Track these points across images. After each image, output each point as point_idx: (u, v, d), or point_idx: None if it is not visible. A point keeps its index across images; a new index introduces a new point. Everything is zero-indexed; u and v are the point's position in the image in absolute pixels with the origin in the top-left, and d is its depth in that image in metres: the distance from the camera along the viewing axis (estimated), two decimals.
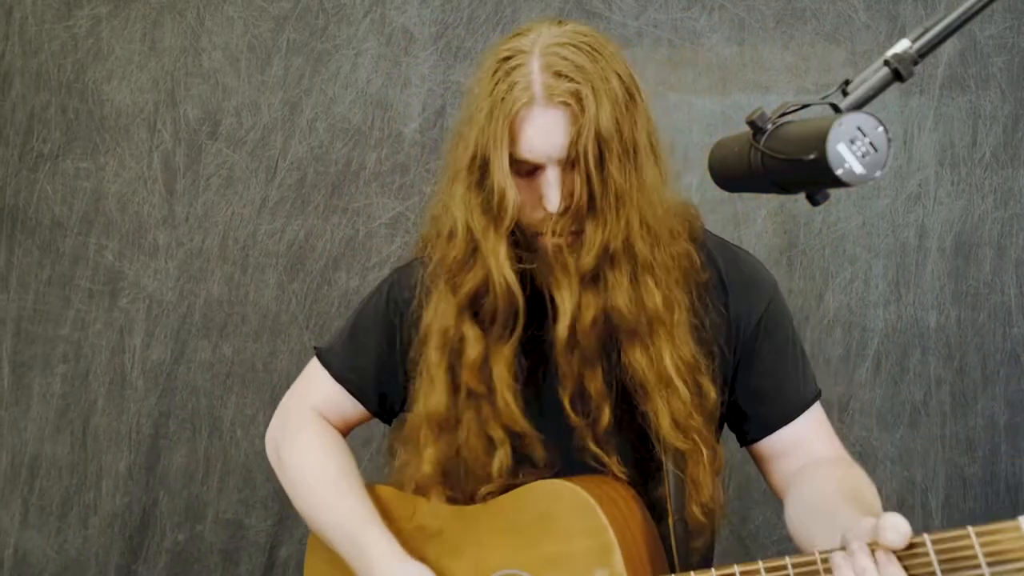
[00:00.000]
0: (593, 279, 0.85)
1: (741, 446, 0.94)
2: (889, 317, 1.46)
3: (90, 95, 1.55)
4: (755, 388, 0.90)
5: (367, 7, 1.52)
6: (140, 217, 1.54)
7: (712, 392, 0.86)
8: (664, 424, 0.84)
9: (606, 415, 0.86)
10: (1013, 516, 0.63)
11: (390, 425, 1.00)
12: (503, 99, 0.81)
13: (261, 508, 1.52)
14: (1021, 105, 1.45)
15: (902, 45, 0.58)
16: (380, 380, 0.96)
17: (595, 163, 0.80)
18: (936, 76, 1.46)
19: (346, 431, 1.01)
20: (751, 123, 0.61)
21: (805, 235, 1.48)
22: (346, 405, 0.98)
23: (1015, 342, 1.45)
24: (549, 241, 0.84)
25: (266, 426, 1.54)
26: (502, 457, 0.87)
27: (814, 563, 0.69)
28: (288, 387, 1.04)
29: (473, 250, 0.85)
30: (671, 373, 0.85)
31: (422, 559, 0.89)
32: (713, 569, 0.75)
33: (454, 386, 0.87)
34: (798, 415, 0.91)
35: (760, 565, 0.72)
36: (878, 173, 0.54)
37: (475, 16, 1.51)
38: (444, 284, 0.87)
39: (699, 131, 1.48)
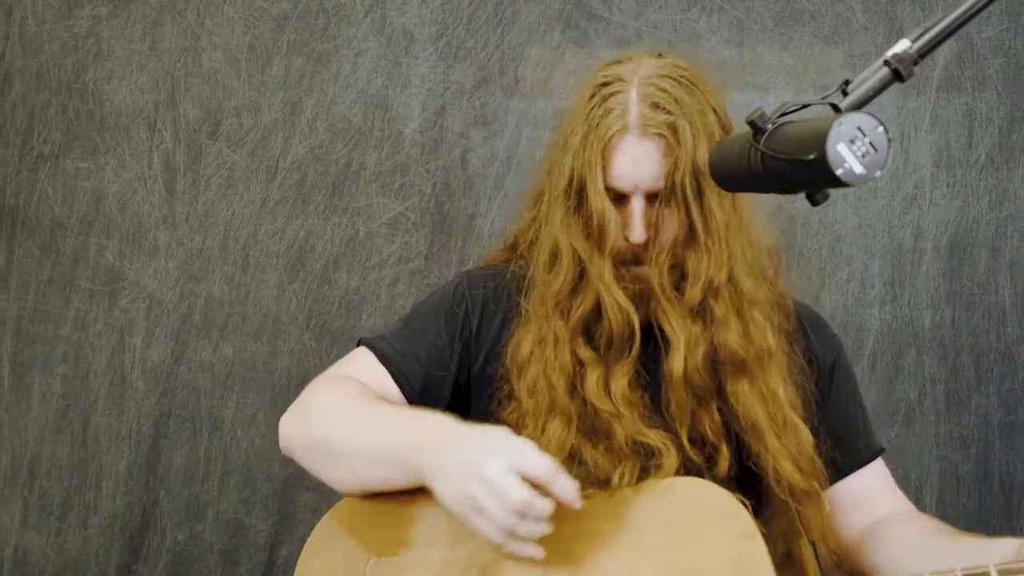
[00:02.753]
0: (700, 313, 0.83)
1: None
2: (885, 317, 1.47)
3: (90, 95, 1.55)
4: (830, 427, 0.88)
5: (367, 7, 1.52)
6: (140, 217, 1.54)
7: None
8: (786, 466, 0.81)
9: (725, 456, 0.82)
10: (1007, 513, 0.64)
11: None
12: (598, 125, 0.81)
13: (261, 508, 1.52)
14: (1017, 107, 1.46)
15: (902, 45, 0.58)
16: (428, 370, 0.90)
17: (694, 196, 0.80)
18: (932, 78, 1.47)
19: None
20: (751, 123, 0.61)
21: (802, 236, 1.49)
22: (386, 390, 0.89)
23: (1009, 341, 1.46)
24: (654, 274, 0.83)
25: (267, 425, 1.55)
26: (624, 471, 0.80)
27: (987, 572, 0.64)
28: (288, 387, 1.03)
29: (580, 273, 0.84)
30: (787, 411, 0.82)
31: (494, 556, 0.76)
32: None
33: (579, 407, 0.83)
34: (870, 461, 0.90)
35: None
36: (878, 173, 0.55)
37: (475, 16, 1.51)
38: (552, 310, 0.85)
39: None
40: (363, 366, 0.91)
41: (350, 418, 0.83)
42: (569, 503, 0.72)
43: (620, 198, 0.83)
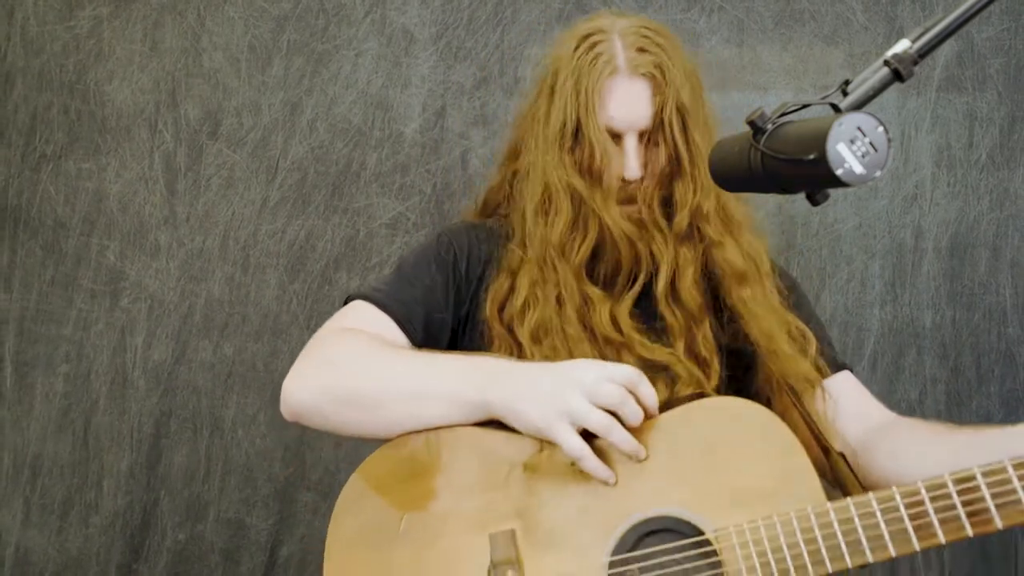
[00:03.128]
0: (688, 237, 0.88)
1: None
2: (885, 317, 1.47)
3: (92, 96, 1.55)
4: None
5: (367, 8, 1.52)
6: (141, 217, 1.55)
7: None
8: (802, 365, 0.84)
9: (716, 371, 0.86)
10: None
11: None
12: (589, 70, 0.85)
13: (262, 507, 1.52)
14: (1018, 107, 1.46)
15: (902, 45, 0.59)
16: (428, 311, 0.90)
17: (680, 130, 0.85)
18: (933, 78, 1.47)
19: None
20: (751, 123, 0.62)
21: (803, 236, 1.49)
22: (389, 335, 0.87)
23: (1010, 342, 1.46)
24: (642, 202, 0.86)
25: (267, 425, 1.55)
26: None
27: (1005, 471, 0.62)
28: None
29: (580, 210, 0.86)
30: (791, 316, 0.87)
31: (531, 501, 0.75)
32: (920, 483, 0.66)
33: (593, 340, 0.86)
34: (837, 370, 0.92)
35: (947, 478, 0.64)
36: (878, 173, 0.55)
37: (475, 16, 1.52)
38: (553, 253, 0.86)
39: None
40: (364, 317, 0.88)
41: (387, 361, 0.81)
42: (651, 408, 0.75)
43: (614, 137, 0.86)
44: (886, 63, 0.59)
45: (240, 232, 1.53)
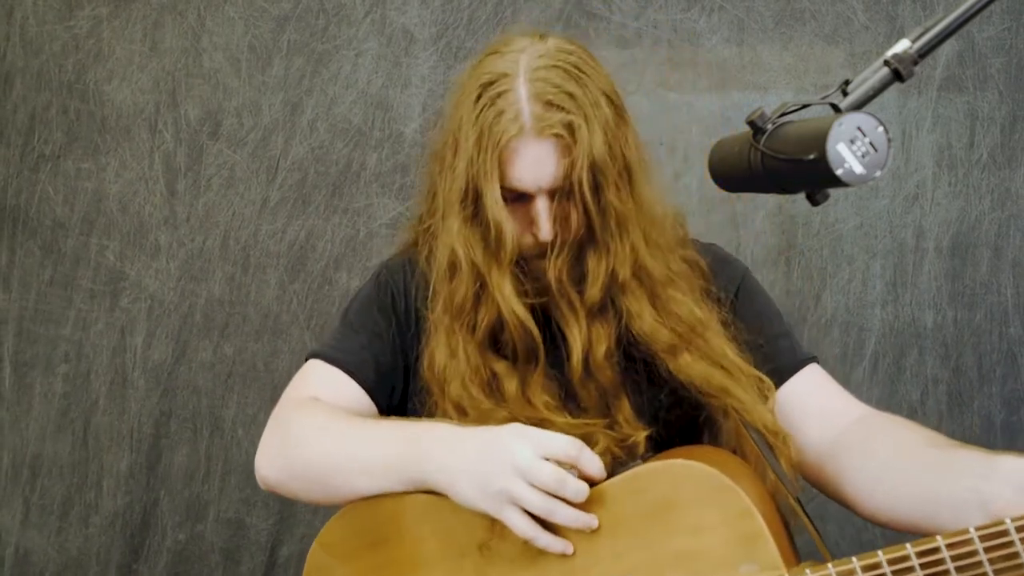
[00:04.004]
0: (602, 311, 0.82)
1: None
2: (886, 317, 1.47)
3: (91, 96, 1.55)
4: (752, 343, 0.86)
5: (367, 8, 1.52)
6: (141, 217, 1.54)
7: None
8: (766, 416, 0.79)
9: (640, 442, 0.81)
10: None
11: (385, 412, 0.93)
12: (491, 128, 0.78)
13: (262, 507, 1.52)
14: (1019, 106, 1.46)
15: (902, 45, 0.58)
16: (376, 356, 0.89)
17: (591, 193, 0.78)
18: (934, 77, 1.46)
19: None
20: (751, 123, 0.61)
21: (803, 236, 1.49)
22: (344, 388, 0.88)
23: (1011, 342, 1.45)
24: (552, 276, 0.81)
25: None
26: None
27: (1006, 532, 0.58)
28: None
29: (481, 286, 0.82)
30: (742, 364, 0.81)
31: (491, 571, 0.74)
32: (881, 553, 0.63)
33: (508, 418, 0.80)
34: (797, 368, 0.87)
35: (909, 549, 0.61)
36: (878, 173, 0.55)
37: (475, 16, 1.51)
38: (457, 323, 0.83)
39: (699, 131, 1.48)
40: (316, 377, 0.90)
41: (335, 437, 0.81)
42: (597, 476, 0.71)
43: (522, 197, 0.81)
44: (886, 63, 0.58)
45: (240, 232, 1.53)
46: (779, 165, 0.59)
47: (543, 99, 0.78)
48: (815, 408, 0.85)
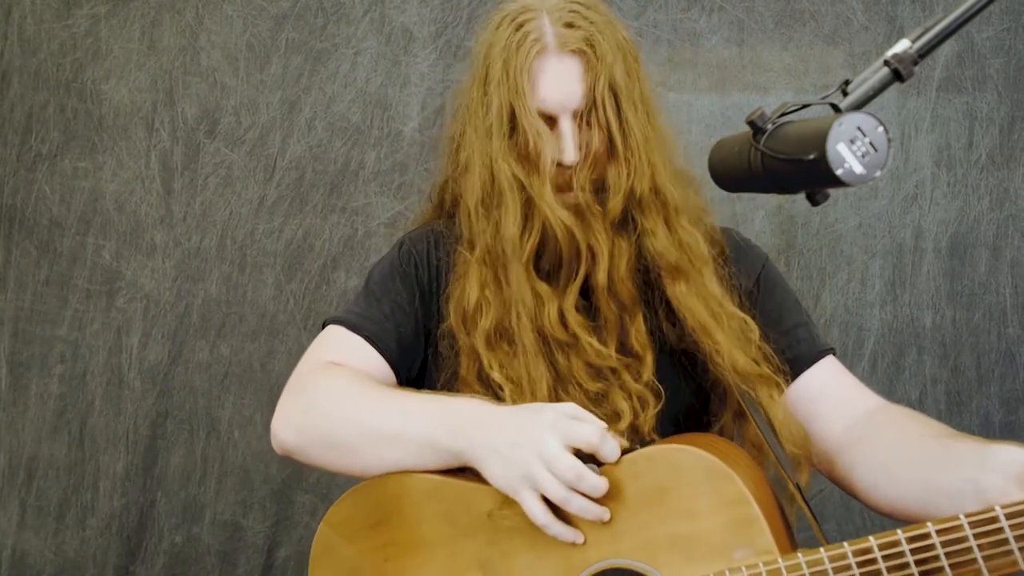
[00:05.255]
0: (623, 224, 0.85)
1: None
2: (885, 317, 1.47)
3: (88, 94, 1.54)
4: (770, 329, 0.87)
5: (366, 6, 1.52)
6: (138, 217, 1.54)
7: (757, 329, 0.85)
8: (738, 357, 0.81)
9: (648, 365, 0.84)
10: None
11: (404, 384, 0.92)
12: (517, 50, 0.81)
13: (259, 509, 1.52)
14: (1017, 107, 1.46)
15: (902, 45, 0.58)
16: (399, 326, 0.89)
17: (612, 110, 0.81)
18: (933, 78, 1.46)
19: None
20: (751, 123, 0.61)
21: (803, 236, 1.49)
22: (365, 355, 0.88)
23: (1010, 342, 1.45)
24: (578, 194, 0.83)
25: (264, 427, 1.55)
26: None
27: (996, 519, 0.59)
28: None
29: (527, 202, 0.84)
30: (729, 306, 0.84)
31: (492, 552, 0.75)
32: (872, 538, 0.64)
33: (543, 344, 0.84)
34: (817, 359, 0.88)
35: (900, 534, 0.62)
36: (878, 173, 0.55)
37: (475, 16, 1.51)
38: (506, 250, 0.84)
39: (699, 131, 1.48)
40: (337, 343, 0.89)
41: (363, 404, 0.81)
42: (612, 461, 0.73)
43: (547, 121, 0.83)
44: (886, 63, 0.58)
45: (237, 231, 1.53)
46: (779, 165, 0.59)
47: (564, 21, 0.82)
48: (830, 400, 0.86)
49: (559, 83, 0.81)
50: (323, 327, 0.93)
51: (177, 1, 1.53)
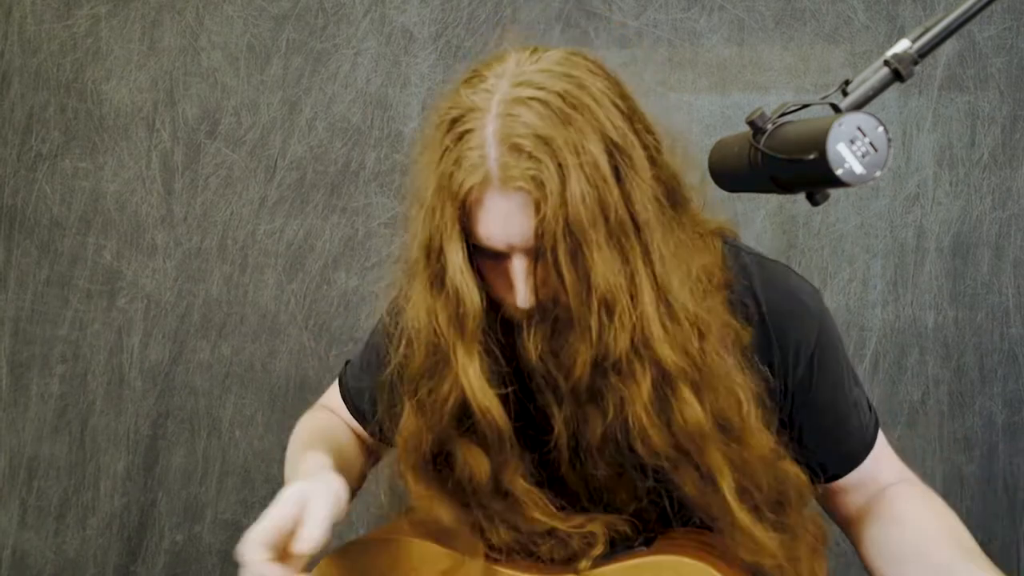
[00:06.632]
0: (592, 396, 0.67)
1: None
2: (887, 317, 1.47)
3: (89, 94, 1.55)
4: (816, 429, 0.76)
5: (367, 7, 1.52)
6: (138, 217, 1.54)
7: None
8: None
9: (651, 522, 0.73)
10: (1010, 515, 0.61)
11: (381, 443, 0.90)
12: (451, 176, 0.64)
13: (260, 509, 1.50)
14: (1019, 106, 1.45)
15: (902, 45, 0.58)
16: (374, 401, 0.81)
17: (566, 255, 0.62)
18: (935, 77, 1.46)
19: (366, 453, 0.91)
20: (751, 123, 0.61)
21: (804, 235, 1.48)
22: (341, 409, 0.92)
23: (1012, 342, 1.45)
24: (530, 350, 0.67)
25: (265, 426, 1.55)
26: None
27: None
28: (286, 387, 1.04)
29: (445, 365, 0.69)
30: (776, 461, 0.68)
31: None
32: None
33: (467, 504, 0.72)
34: (866, 455, 0.78)
35: None
36: (878, 173, 0.54)
37: (475, 16, 1.51)
38: (425, 397, 0.71)
39: (699, 131, 1.48)
40: (333, 390, 0.95)
41: (294, 455, 0.82)
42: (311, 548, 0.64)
43: (499, 255, 0.66)
44: (886, 63, 0.58)
45: (238, 232, 1.53)
46: (779, 165, 0.59)
47: (510, 141, 0.62)
48: (872, 485, 0.79)
49: (502, 222, 0.63)
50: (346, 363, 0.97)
51: (177, 1, 1.53)
